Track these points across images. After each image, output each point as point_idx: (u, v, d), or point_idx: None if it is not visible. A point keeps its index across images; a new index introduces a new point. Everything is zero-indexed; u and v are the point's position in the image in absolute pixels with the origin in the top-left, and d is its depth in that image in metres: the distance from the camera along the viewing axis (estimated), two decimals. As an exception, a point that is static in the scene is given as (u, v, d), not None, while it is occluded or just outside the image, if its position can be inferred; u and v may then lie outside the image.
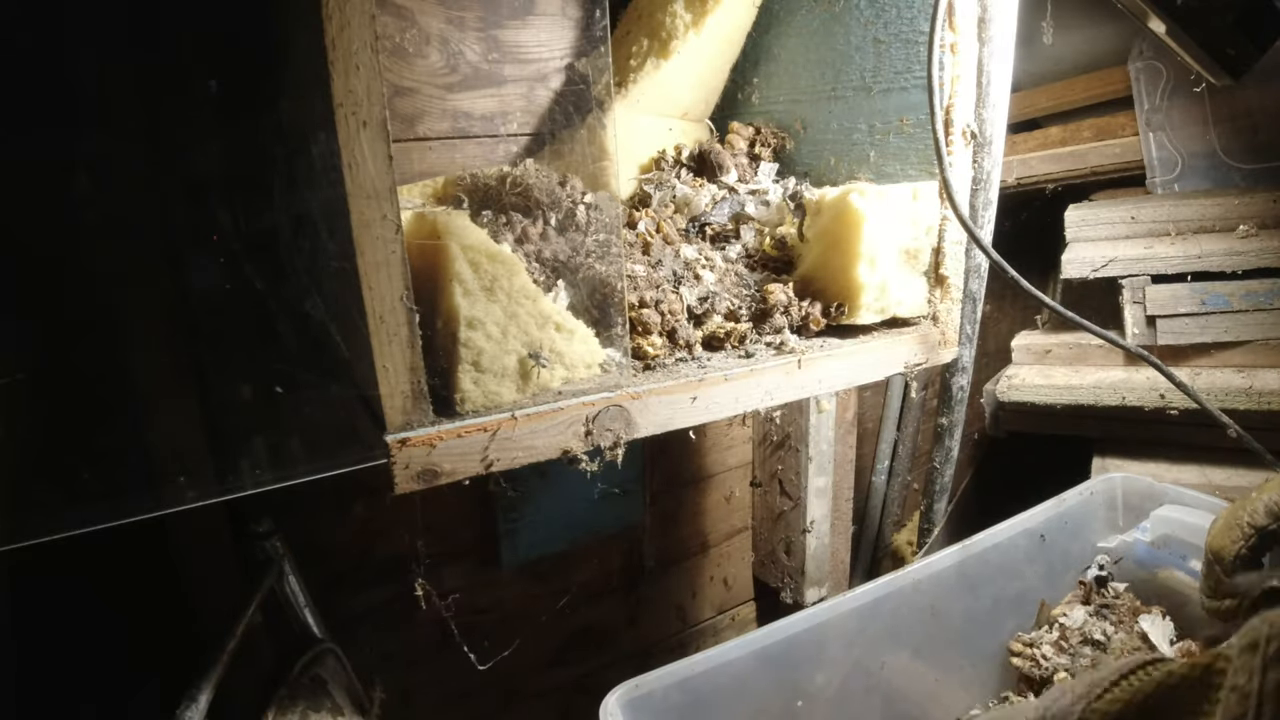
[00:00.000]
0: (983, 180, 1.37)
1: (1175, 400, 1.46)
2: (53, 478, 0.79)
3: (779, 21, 1.15)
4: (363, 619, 1.23)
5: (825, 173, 1.12)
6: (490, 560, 1.37)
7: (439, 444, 0.65)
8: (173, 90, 0.84)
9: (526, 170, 0.84)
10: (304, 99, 0.71)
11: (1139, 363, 1.61)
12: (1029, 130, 1.88)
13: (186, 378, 0.87)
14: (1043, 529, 1.11)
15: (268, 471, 0.86)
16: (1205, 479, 1.45)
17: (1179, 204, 1.57)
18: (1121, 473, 1.20)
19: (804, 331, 0.91)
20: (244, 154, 0.86)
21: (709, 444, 1.66)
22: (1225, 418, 0.93)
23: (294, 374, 0.86)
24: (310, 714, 0.86)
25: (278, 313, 0.86)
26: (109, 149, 0.82)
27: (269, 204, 0.86)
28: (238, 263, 0.85)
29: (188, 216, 0.86)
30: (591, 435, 0.73)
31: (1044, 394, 1.61)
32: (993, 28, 1.17)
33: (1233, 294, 1.47)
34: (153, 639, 1.00)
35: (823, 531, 1.70)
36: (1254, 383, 1.41)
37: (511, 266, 0.71)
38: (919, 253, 0.96)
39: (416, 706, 1.32)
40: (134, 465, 0.85)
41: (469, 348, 0.68)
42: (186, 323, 0.87)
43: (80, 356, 0.83)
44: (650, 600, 1.64)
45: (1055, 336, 1.76)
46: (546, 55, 1.07)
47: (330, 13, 0.55)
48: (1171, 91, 1.62)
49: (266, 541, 0.96)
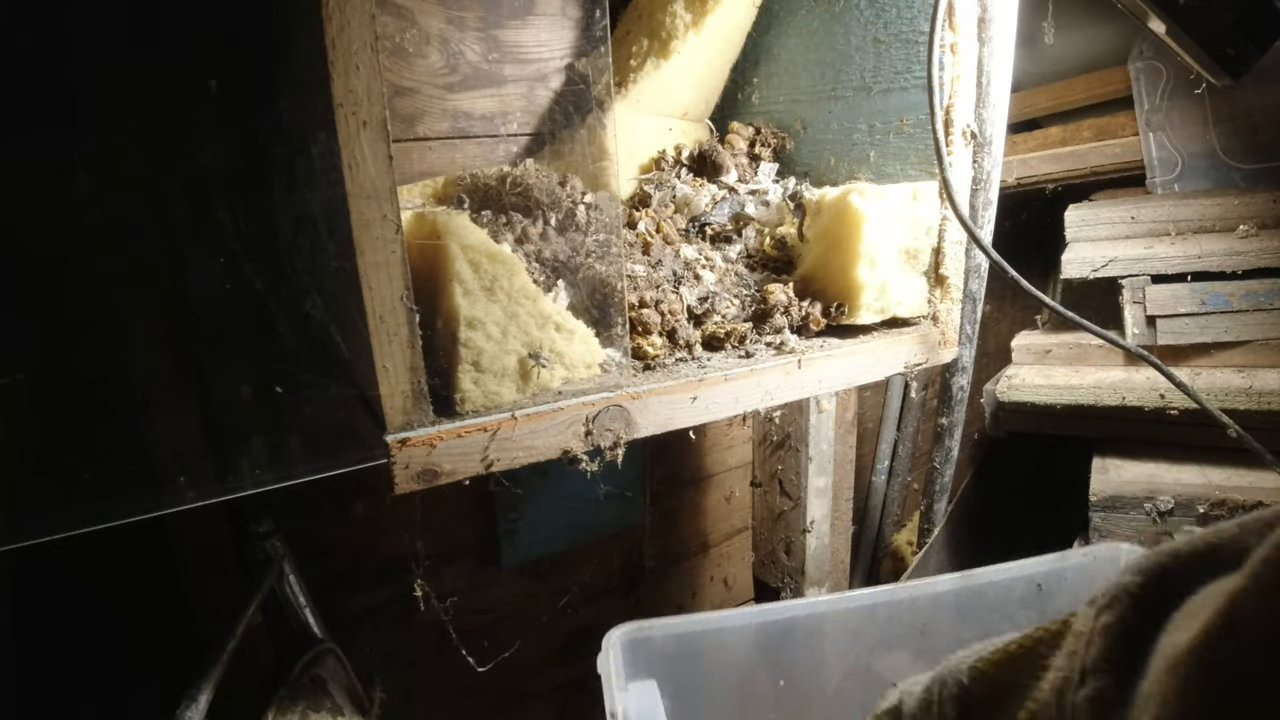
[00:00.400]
0: (983, 180, 1.37)
1: (1175, 400, 1.46)
2: (53, 477, 0.79)
3: (779, 21, 1.15)
4: (363, 619, 1.23)
5: (825, 173, 1.12)
6: (490, 560, 1.37)
7: (439, 444, 0.65)
8: (173, 89, 0.84)
9: (526, 170, 0.84)
10: (304, 99, 0.71)
11: (1139, 363, 1.61)
12: (1029, 130, 1.88)
13: (186, 377, 0.87)
14: (1041, 579, 1.13)
15: (268, 471, 0.86)
16: (1205, 479, 1.45)
17: (1179, 204, 1.57)
18: (1129, 544, 1.21)
19: (804, 331, 0.91)
20: (244, 154, 0.86)
21: (709, 444, 1.66)
22: (1225, 418, 0.93)
23: (294, 374, 0.86)
24: (310, 714, 0.86)
25: (278, 312, 0.86)
26: (109, 148, 0.82)
27: (269, 204, 0.86)
28: (238, 263, 0.85)
29: (188, 216, 0.86)
30: (591, 435, 0.73)
31: (1044, 394, 1.61)
32: (993, 28, 1.17)
33: (1233, 294, 1.47)
34: (153, 639, 1.00)
35: (823, 531, 1.71)
36: (1254, 383, 1.41)
37: (512, 266, 0.71)
38: (919, 253, 0.96)
39: (417, 706, 1.32)
40: (134, 465, 0.85)
41: (469, 348, 0.68)
42: (186, 322, 0.87)
43: (80, 356, 0.83)
44: (650, 600, 1.64)
45: (1055, 336, 1.76)
46: (546, 55, 1.07)
47: (330, 13, 0.55)
48: (1172, 91, 1.62)
49: (267, 541, 0.96)
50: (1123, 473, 1.52)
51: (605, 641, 0.88)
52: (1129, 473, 1.52)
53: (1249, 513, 1.43)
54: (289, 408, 0.86)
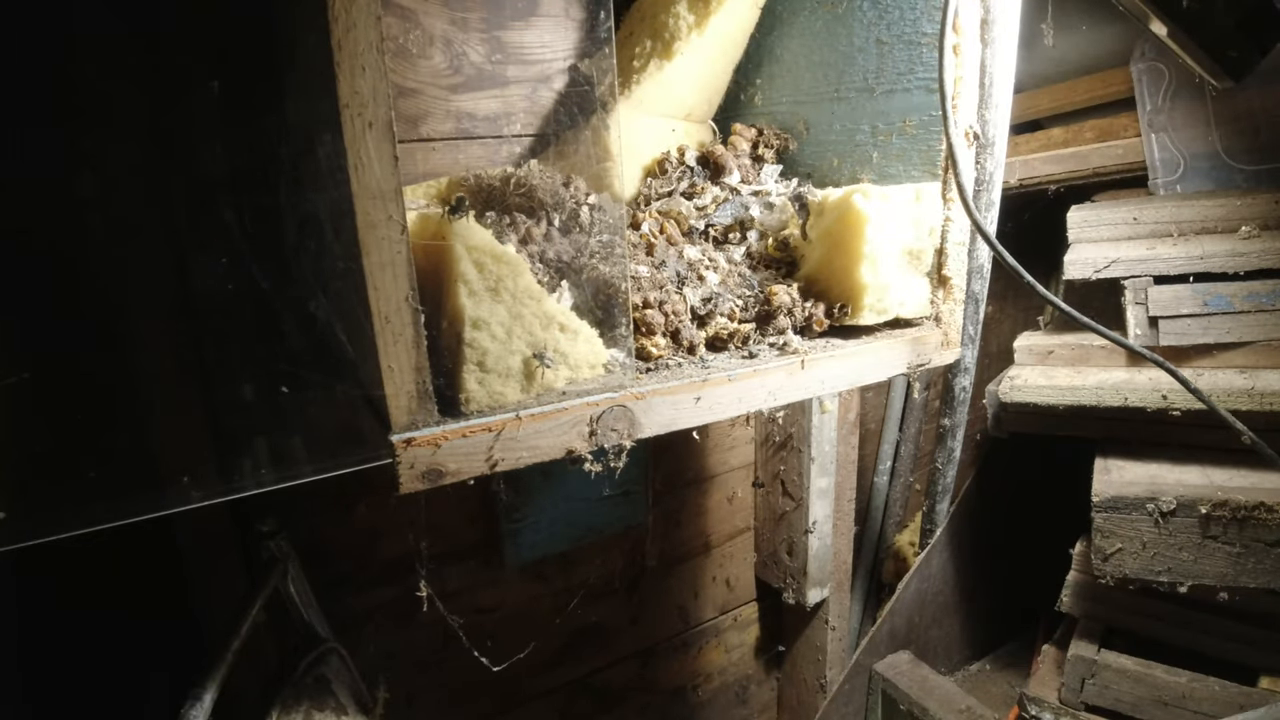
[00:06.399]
0: (985, 181, 1.37)
1: (1178, 401, 1.46)
2: (58, 477, 0.79)
3: (782, 23, 1.15)
4: (366, 618, 1.24)
5: (828, 174, 1.12)
6: (493, 560, 1.37)
7: (444, 444, 0.66)
8: (179, 90, 0.84)
9: (530, 171, 0.85)
10: (310, 100, 0.71)
11: (1141, 364, 1.61)
12: (1031, 131, 1.89)
13: (192, 377, 0.87)
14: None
15: (272, 471, 0.86)
16: (1208, 479, 1.45)
17: (1181, 205, 1.57)
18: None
19: (807, 332, 0.91)
20: (250, 155, 0.87)
21: (711, 445, 1.67)
22: (1238, 423, 0.93)
23: (299, 374, 0.86)
24: (314, 713, 0.86)
25: (283, 313, 0.86)
26: (115, 149, 0.82)
27: (275, 205, 0.86)
28: (244, 263, 0.85)
29: (194, 217, 0.86)
30: (595, 435, 0.73)
31: (1046, 395, 1.61)
32: (995, 29, 1.17)
33: (1235, 295, 1.47)
34: (158, 638, 1.00)
35: (825, 532, 1.71)
36: (1256, 383, 1.41)
37: (516, 267, 0.71)
38: (922, 254, 0.96)
39: (419, 705, 1.32)
40: (139, 465, 0.86)
41: (474, 348, 0.69)
42: (192, 323, 0.87)
43: (86, 356, 0.83)
44: (652, 600, 1.64)
45: (1058, 337, 1.76)
46: (550, 56, 1.07)
47: (336, 14, 0.56)
48: (1174, 93, 1.62)
49: (271, 541, 0.96)
50: (1125, 473, 1.52)
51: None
52: (1131, 473, 1.52)
53: (1251, 514, 1.43)
54: (294, 408, 0.86)
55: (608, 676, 1.61)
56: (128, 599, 0.98)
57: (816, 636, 1.84)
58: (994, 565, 2.12)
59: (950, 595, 2.05)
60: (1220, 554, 1.39)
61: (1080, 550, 1.64)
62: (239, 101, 0.85)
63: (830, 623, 1.81)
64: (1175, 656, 1.55)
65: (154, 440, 0.87)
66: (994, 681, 2.17)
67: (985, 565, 2.10)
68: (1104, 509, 1.47)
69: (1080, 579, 1.66)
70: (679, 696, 1.76)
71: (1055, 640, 1.80)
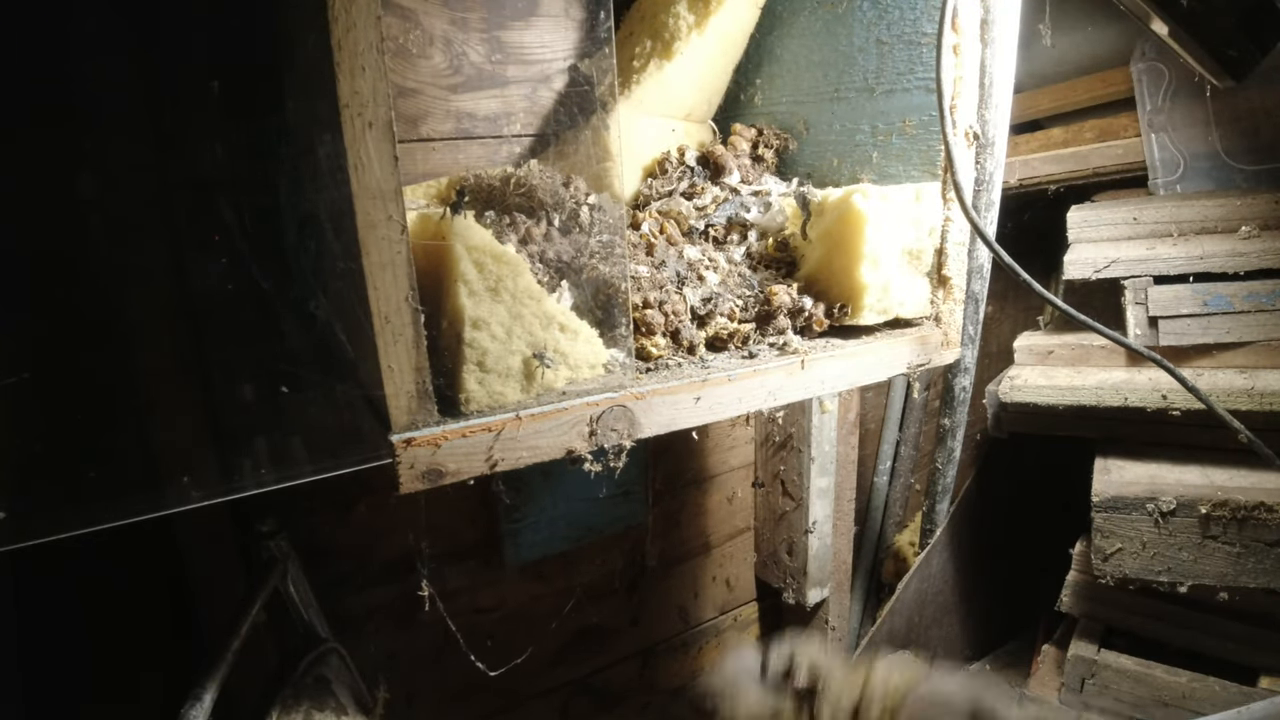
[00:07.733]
0: (985, 181, 1.37)
1: (1177, 401, 1.46)
2: (58, 477, 0.79)
3: (782, 23, 1.15)
4: (366, 618, 1.24)
5: (828, 174, 1.12)
6: (493, 560, 1.37)
7: (444, 444, 0.66)
8: (179, 91, 0.84)
9: (530, 171, 0.85)
10: (310, 100, 0.71)
11: (1141, 364, 1.61)
12: (1031, 131, 1.89)
13: (192, 377, 0.87)
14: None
15: (272, 471, 0.86)
16: (1208, 479, 1.45)
17: (1181, 205, 1.57)
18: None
19: (807, 332, 0.91)
20: (250, 155, 0.87)
21: (711, 445, 1.67)
22: (1237, 423, 0.93)
23: (299, 374, 0.86)
24: (314, 713, 0.86)
25: (283, 313, 0.86)
26: (115, 149, 0.82)
27: (274, 205, 0.86)
28: (244, 263, 0.85)
29: (194, 217, 0.86)
30: (595, 435, 0.73)
31: (1046, 395, 1.61)
32: (995, 29, 1.17)
33: (1235, 295, 1.47)
34: (157, 638, 1.00)
35: (825, 532, 1.71)
36: (1256, 383, 1.41)
37: (516, 267, 0.71)
38: (922, 253, 0.96)
39: (419, 705, 1.32)
40: (139, 465, 0.86)
41: (474, 348, 0.69)
42: (192, 322, 0.87)
43: (86, 356, 0.83)
44: (652, 600, 1.64)
45: (1058, 337, 1.77)
46: (550, 56, 1.07)
47: (336, 14, 0.56)
48: (1174, 92, 1.62)
49: (271, 541, 0.96)
50: (1125, 473, 1.52)
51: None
52: (1131, 473, 1.52)
53: (1250, 514, 1.44)
54: (294, 408, 0.86)
55: (608, 676, 1.61)
56: (128, 599, 0.98)
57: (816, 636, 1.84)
58: (994, 565, 2.12)
59: (950, 595, 2.05)
60: (1220, 554, 1.39)
61: (1080, 550, 1.64)
62: (240, 101, 0.85)
63: (830, 623, 1.80)
64: (1175, 656, 1.55)
65: (154, 440, 0.87)
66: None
67: (985, 565, 2.10)
68: (1104, 509, 1.47)
69: (1080, 579, 1.66)
70: (679, 696, 1.76)
71: (1055, 640, 1.80)
